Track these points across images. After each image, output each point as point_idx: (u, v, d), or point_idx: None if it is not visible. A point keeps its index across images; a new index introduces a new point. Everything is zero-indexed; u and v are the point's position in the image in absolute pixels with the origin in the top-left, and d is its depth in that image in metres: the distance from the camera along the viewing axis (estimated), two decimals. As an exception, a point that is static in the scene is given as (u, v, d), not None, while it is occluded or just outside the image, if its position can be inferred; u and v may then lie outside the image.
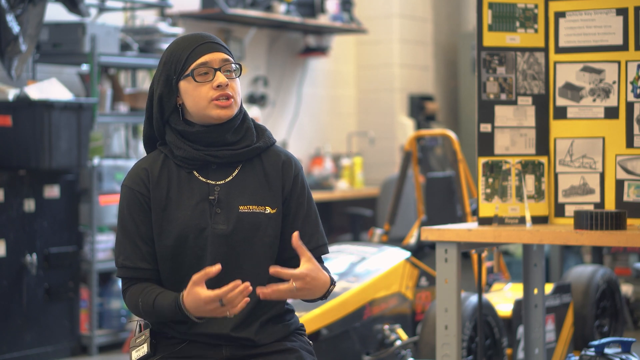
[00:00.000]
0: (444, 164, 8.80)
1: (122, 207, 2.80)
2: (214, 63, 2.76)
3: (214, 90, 2.74)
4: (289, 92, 8.92)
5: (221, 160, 2.78)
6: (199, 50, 2.76)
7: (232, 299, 2.60)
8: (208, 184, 2.78)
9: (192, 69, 2.75)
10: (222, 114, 2.75)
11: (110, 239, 6.45)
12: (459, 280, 3.77)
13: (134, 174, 2.81)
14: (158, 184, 2.78)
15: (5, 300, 5.77)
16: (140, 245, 2.76)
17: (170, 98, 2.78)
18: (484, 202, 3.82)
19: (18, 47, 5.71)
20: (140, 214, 2.77)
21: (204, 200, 2.76)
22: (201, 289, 2.61)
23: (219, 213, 2.75)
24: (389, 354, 4.92)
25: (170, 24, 7.12)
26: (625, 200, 3.78)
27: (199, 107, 2.76)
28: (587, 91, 3.84)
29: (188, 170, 2.79)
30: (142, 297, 2.73)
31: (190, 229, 2.74)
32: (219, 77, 2.75)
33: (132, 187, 2.79)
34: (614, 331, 5.45)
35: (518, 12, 3.86)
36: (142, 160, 2.85)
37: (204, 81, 2.75)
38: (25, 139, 5.84)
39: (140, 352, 2.78)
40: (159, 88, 2.79)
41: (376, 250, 5.39)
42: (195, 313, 2.65)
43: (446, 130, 6.00)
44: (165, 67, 2.78)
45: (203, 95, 2.75)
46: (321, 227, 2.87)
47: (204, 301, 2.61)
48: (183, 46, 2.78)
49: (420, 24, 9.79)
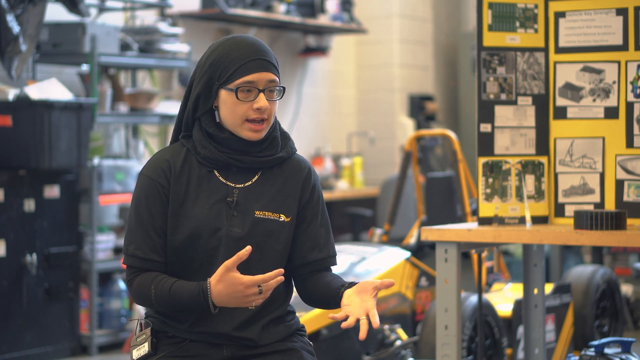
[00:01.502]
0: (444, 164, 8.80)
1: (139, 195, 2.76)
2: (260, 84, 2.71)
3: (252, 111, 2.71)
4: (289, 92, 8.92)
5: (243, 164, 2.76)
6: (249, 67, 2.70)
7: (271, 286, 2.58)
8: (227, 185, 2.77)
9: (237, 85, 2.70)
10: (252, 137, 2.73)
11: (110, 239, 6.45)
12: (459, 280, 3.77)
13: (156, 164, 2.78)
14: (179, 178, 2.76)
15: (5, 300, 5.76)
16: (153, 236, 2.74)
17: (207, 100, 2.75)
18: (484, 202, 3.82)
19: (18, 47, 5.71)
20: (158, 206, 2.74)
21: (222, 201, 2.75)
22: (239, 274, 2.58)
23: (235, 216, 2.74)
24: (389, 354, 4.92)
25: (170, 24, 7.12)
26: (625, 200, 3.78)
27: (233, 122, 2.73)
28: (587, 91, 3.84)
29: (209, 169, 2.78)
30: (155, 284, 2.69)
31: (205, 227, 2.73)
32: (261, 100, 2.70)
33: (153, 177, 2.76)
34: (614, 331, 5.45)
35: (518, 12, 3.86)
36: (164, 151, 2.81)
37: (245, 100, 2.71)
38: (25, 139, 5.84)
39: (141, 351, 2.78)
40: (199, 87, 2.75)
41: (376, 250, 5.40)
42: (222, 300, 2.61)
43: (446, 130, 6.00)
44: (210, 69, 2.73)
45: (240, 113, 2.71)
46: (332, 238, 2.86)
47: (245, 285, 2.56)
48: (235, 55, 2.71)
49: (420, 24, 9.80)
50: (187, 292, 2.65)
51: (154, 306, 2.74)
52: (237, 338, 2.74)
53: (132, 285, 2.75)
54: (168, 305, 2.71)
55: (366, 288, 2.64)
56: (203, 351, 2.75)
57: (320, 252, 2.81)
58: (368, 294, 2.63)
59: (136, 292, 2.74)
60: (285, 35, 8.81)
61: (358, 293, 2.65)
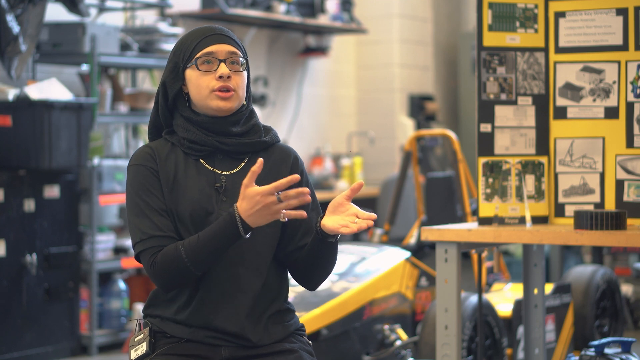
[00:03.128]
0: (444, 164, 8.80)
1: (133, 184, 2.76)
2: (220, 54, 2.78)
3: (216, 81, 2.76)
4: (289, 92, 8.92)
5: (229, 147, 2.78)
6: (207, 40, 2.78)
7: (289, 195, 2.57)
8: (214, 172, 2.79)
9: (197, 57, 2.77)
10: (221, 105, 2.76)
11: (110, 239, 6.45)
12: (459, 280, 3.77)
13: (140, 154, 2.80)
14: (165, 164, 2.78)
15: (5, 300, 5.76)
16: (160, 217, 2.72)
17: (174, 84, 2.80)
18: (484, 202, 3.82)
19: (18, 47, 5.71)
20: (156, 186, 2.75)
21: (211, 187, 2.77)
22: (256, 187, 2.58)
23: (224, 201, 2.75)
24: (389, 354, 4.92)
25: (170, 24, 7.12)
26: (625, 200, 3.78)
27: (200, 96, 2.77)
28: (587, 91, 3.84)
29: (195, 157, 2.79)
30: (182, 246, 2.66)
31: (197, 210, 2.74)
32: (222, 68, 2.76)
33: (141, 163, 2.77)
34: (614, 331, 5.45)
35: (518, 12, 3.86)
36: (145, 145, 2.85)
37: (208, 70, 2.77)
38: (25, 139, 5.84)
39: (139, 350, 2.78)
40: (165, 74, 2.82)
41: (376, 250, 5.40)
42: (250, 217, 2.59)
43: (446, 130, 6.00)
44: (174, 56, 2.82)
45: (205, 85, 2.77)
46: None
47: (260, 194, 2.57)
48: (193, 36, 2.81)
49: (420, 24, 9.79)
50: (217, 226, 2.64)
51: (188, 269, 2.66)
52: (236, 339, 2.74)
53: (157, 263, 2.68)
54: (201, 254, 2.66)
55: (338, 202, 2.68)
56: (201, 352, 2.75)
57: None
58: (343, 205, 2.67)
59: (163, 264, 2.67)
60: (285, 35, 8.80)
61: (334, 213, 2.68)
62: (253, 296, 2.75)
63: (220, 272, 2.74)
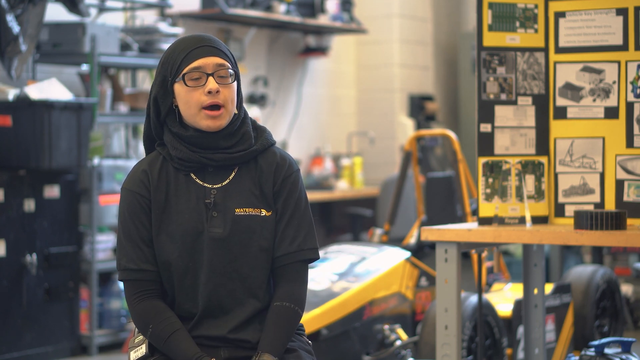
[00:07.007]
0: (444, 164, 8.80)
1: (123, 210, 2.78)
2: (207, 68, 2.72)
3: (205, 97, 2.71)
4: (289, 92, 8.92)
5: (217, 163, 2.75)
6: (193, 54, 2.72)
7: None
8: (205, 187, 2.76)
9: (185, 72, 2.71)
10: (211, 125, 2.72)
11: (110, 239, 6.45)
12: (459, 280, 3.77)
13: (134, 177, 2.79)
14: (158, 187, 2.77)
15: (5, 300, 5.76)
16: (143, 247, 2.75)
17: (165, 99, 2.76)
18: (484, 202, 3.82)
19: (18, 47, 5.71)
20: (142, 216, 2.75)
21: (201, 204, 2.75)
22: None
23: (215, 217, 2.73)
24: (389, 354, 4.92)
25: (170, 24, 7.12)
26: (625, 200, 3.78)
27: (189, 113, 2.73)
28: (587, 91, 3.84)
29: (185, 172, 2.77)
30: (154, 324, 2.72)
31: (188, 232, 2.73)
32: (210, 83, 2.70)
33: (133, 190, 2.77)
34: (614, 331, 5.45)
35: (518, 12, 3.86)
36: (141, 162, 2.83)
37: (196, 86, 2.71)
38: (25, 139, 5.83)
39: (138, 352, 2.77)
40: (155, 88, 2.77)
41: (376, 250, 5.39)
42: None
43: (446, 130, 6.00)
44: (162, 68, 2.76)
45: (194, 101, 2.72)
46: (310, 230, 2.80)
47: None
48: (180, 48, 2.74)
49: (420, 24, 9.79)
50: (181, 356, 2.68)
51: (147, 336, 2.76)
52: (234, 340, 2.74)
53: (134, 310, 2.75)
54: (159, 346, 2.73)
55: None
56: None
57: (290, 245, 2.76)
58: None
59: (136, 319, 2.76)
60: (285, 35, 8.80)
61: None
62: (253, 309, 2.76)
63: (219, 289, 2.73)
